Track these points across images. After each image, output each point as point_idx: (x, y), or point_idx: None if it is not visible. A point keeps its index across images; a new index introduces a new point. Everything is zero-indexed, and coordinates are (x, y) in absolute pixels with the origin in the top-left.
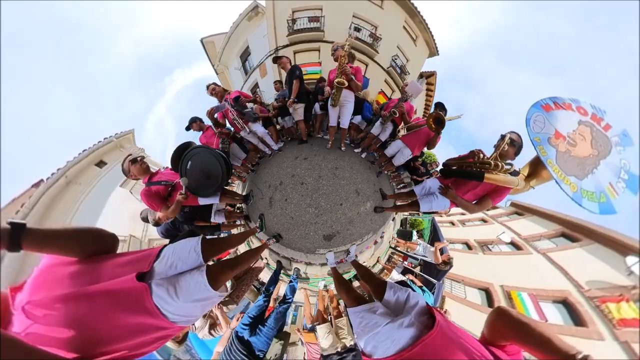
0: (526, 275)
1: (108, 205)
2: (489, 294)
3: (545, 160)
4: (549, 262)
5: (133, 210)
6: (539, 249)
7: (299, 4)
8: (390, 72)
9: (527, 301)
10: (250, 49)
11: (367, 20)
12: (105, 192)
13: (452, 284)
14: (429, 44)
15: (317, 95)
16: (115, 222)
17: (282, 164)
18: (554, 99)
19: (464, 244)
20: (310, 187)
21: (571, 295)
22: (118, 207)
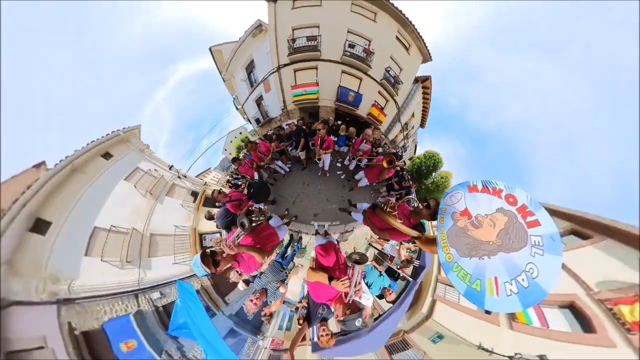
0: None
1: (112, 197)
2: None
3: (438, 227)
4: None
5: (136, 204)
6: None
7: (298, 22)
8: (384, 84)
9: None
10: (255, 63)
11: (362, 35)
12: (109, 184)
13: (445, 288)
14: (421, 50)
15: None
16: (118, 215)
17: (294, 183)
18: (485, 182)
19: None
20: (310, 195)
21: (579, 299)
22: (122, 199)
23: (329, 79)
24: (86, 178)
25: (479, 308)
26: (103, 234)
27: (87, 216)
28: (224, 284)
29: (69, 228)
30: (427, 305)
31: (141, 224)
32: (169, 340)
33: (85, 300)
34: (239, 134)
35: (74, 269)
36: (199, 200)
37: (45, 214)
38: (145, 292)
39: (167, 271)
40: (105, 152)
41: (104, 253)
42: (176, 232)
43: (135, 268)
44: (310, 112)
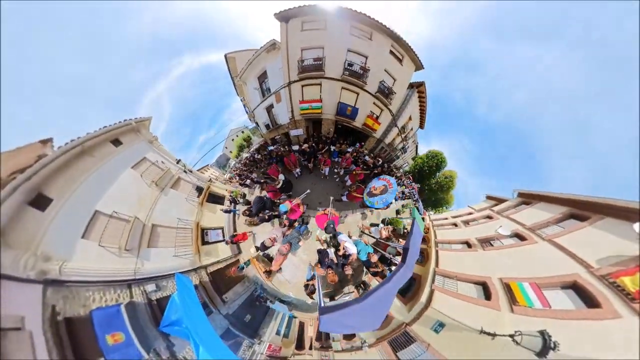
0: (531, 265)
1: (117, 183)
2: (486, 287)
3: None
4: (556, 248)
5: (141, 193)
6: (544, 236)
7: (306, 44)
8: (378, 96)
9: (529, 290)
10: (268, 74)
11: (359, 53)
12: (116, 170)
13: (444, 280)
14: (414, 60)
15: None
16: (122, 202)
17: (304, 183)
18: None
19: (464, 243)
20: (316, 191)
21: (580, 278)
22: (127, 187)
23: (331, 95)
24: (94, 161)
25: (478, 296)
26: (104, 219)
27: (89, 199)
28: (222, 281)
29: (70, 208)
30: (426, 295)
31: (144, 213)
32: (160, 338)
33: (75, 284)
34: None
35: (69, 250)
36: (204, 196)
37: (48, 191)
38: (140, 283)
39: (166, 263)
40: (115, 138)
41: (102, 238)
42: (179, 225)
43: (133, 257)
44: (314, 122)
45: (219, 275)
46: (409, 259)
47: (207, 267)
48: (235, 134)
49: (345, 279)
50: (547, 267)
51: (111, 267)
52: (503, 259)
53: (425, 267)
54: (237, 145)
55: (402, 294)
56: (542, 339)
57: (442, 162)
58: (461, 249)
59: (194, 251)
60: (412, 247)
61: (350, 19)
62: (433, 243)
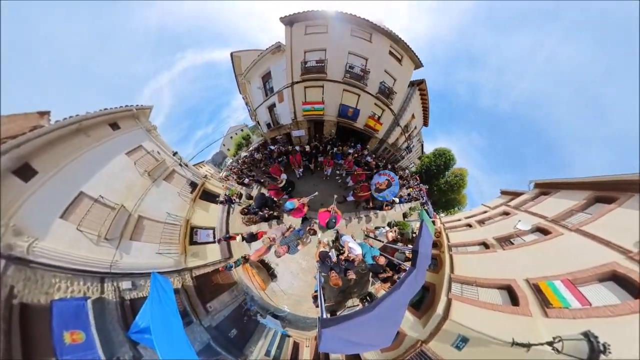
0: (560, 260)
1: (109, 167)
2: (512, 291)
3: (372, 189)
4: (585, 238)
5: (131, 181)
6: (570, 226)
7: (309, 46)
8: (379, 97)
9: (562, 289)
10: (272, 75)
11: (360, 55)
12: (110, 154)
13: (462, 287)
14: (413, 59)
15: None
16: (110, 187)
17: (306, 184)
18: (384, 171)
19: (480, 244)
20: (320, 191)
21: (619, 266)
22: (118, 172)
23: (333, 97)
24: (88, 141)
25: (503, 302)
26: (87, 202)
27: (76, 178)
28: (208, 288)
29: (54, 184)
30: (443, 306)
31: (131, 202)
32: (126, 345)
33: (42, 266)
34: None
35: (43, 229)
36: (197, 193)
37: (35, 162)
38: (115, 278)
39: (147, 260)
40: (114, 122)
41: (82, 222)
42: (167, 220)
43: (112, 248)
44: (316, 123)
45: (205, 281)
46: (420, 263)
47: (192, 270)
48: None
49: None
50: (578, 260)
51: (85, 255)
52: (527, 257)
53: (439, 274)
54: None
55: (414, 307)
56: (588, 342)
57: (451, 160)
58: (478, 251)
59: (180, 250)
60: (422, 249)
61: (350, 22)
62: (446, 247)
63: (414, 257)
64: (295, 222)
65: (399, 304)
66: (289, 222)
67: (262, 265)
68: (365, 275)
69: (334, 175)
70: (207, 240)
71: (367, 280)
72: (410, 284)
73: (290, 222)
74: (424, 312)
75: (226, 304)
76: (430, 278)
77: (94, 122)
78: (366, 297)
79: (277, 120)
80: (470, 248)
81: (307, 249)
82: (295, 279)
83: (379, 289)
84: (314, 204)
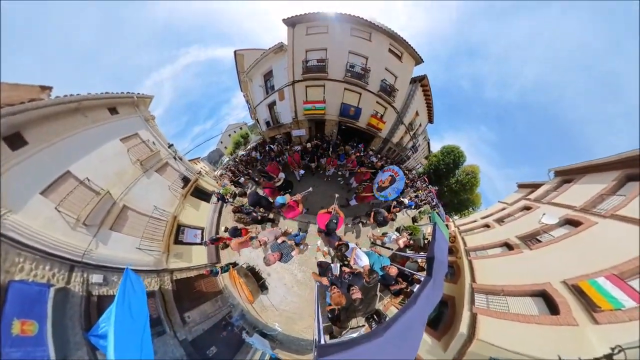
0: (598, 253)
1: (100, 150)
2: (548, 297)
3: (374, 188)
4: (623, 223)
5: (122, 168)
6: (604, 212)
7: (311, 46)
8: (381, 95)
9: (609, 287)
10: (273, 73)
11: (360, 54)
12: (104, 137)
13: (488, 298)
14: (412, 55)
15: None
16: (98, 171)
17: (305, 185)
18: (388, 167)
19: (502, 246)
20: (318, 193)
21: None
22: (109, 157)
23: (334, 96)
24: (85, 122)
25: (540, 311)
26: (72, 182)
27: (66, 157)
28: (189, 294)
29: (41, 159)
30: (466, 323)
31: (118, 189)
32: (83, 348)
33: (9, 241)
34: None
35: (19, 202)
36: (189, 188)
37: (27, 134)
38: (86, 268)
39: (125, 254)
40: (113, 106)
41: (62, 202)
42: (153, 214)
43: (89, 235)
44: (317, 123)
45: (186, 286)
46: (436, 271)
47: (173, 272)
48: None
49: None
50: (621, 250)
51: (59, 238)
52: (559, 255)
53: (458, 284)
54: (233, 142)
55: (431, 326)
56: None
57: (460, 158)
58: (501, 253)
59: (163, 249)
60: (437, 255)
61: (349, 22)
62: (463, 252)
63: (429, 264)
64: (292, 226)
65: (415, 324)
66: (285, 225)
67: (251, 274)
68: (372, 289)
69: (336, 176)
70: (193, 241)
71: (374, 295)
72: (427, 298)
73: (287, 226)
74: (444, 332)
75: (207, 316)
76: (448, 290)
77: (93, 103)
78: (373, 316)
79: (277, 119)
80: (491, 251)
81: (304, 258)
82: (289, 292)
83: (389, 305)
84: (313, 206)
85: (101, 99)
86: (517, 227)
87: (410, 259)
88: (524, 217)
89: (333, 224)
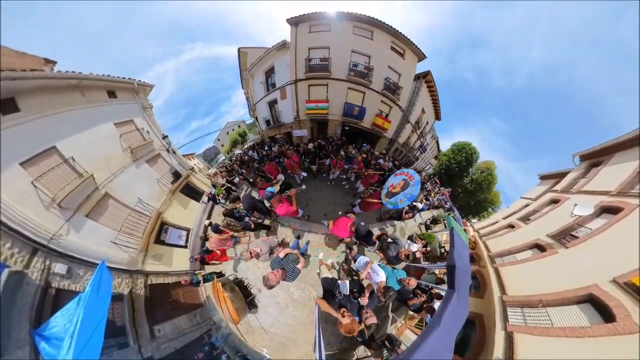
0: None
1: (93, 131)
2: (597, 302)
3: (382, 194)
4: None
5: (111, 153)
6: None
7: (313, 44)
8: (385, 93)
9: None
10: (275, 70)
11: (362, 53)
12: (98, 119)
13: (524, 312)
14: (415, 52)
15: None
16: (87, 152)
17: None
18: (402, 170)
19: (533, 247)
20: (321, 199)
21: None
22: (100, 140)
23: (337, 96)
24: (82, 100)
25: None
26: (56, 159)
27: (55, 132)
28: (163, 303)
29: (30, 129)
30: (501, 345)
31: (103, 175)
32: (27, 347)
33: None
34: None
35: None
36: (179, 184)
37: (22, 102)
38: (50, 254)
39: (97, 247)
40: (112, 90)
41: (41, 177)
42: (136, 207)
43: (61, 219)
44: (320, 123)
45: (161, 294)
46: (460, 282)
47: (148, 276)
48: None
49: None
50: None
51: (28, 215)
52: (601, 249)
53: (486, 298)
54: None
55: (457, 352)
56: None
57: (473, 154)
58: (532, 257)
59: (141, 247)
60: (458, 263)
61: (351, 20)
62: (487, 260)
63: (451, 275)
64: (290, 235)
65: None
66: (282, 234)
67: (238, 288)
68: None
69: (341, 179)
70: (176, 243)
71: (386, 316)
72: (452, 316)
73: (284, 235)
74: (474, 358)
75: (182, 332)
76: (474, 305)
77: (93, 84)
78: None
79: (278, 118)
80: (521, 255)
81: (303, 273)
82: (283, 313)
83: (403, 328)
84: (314, 213)
85: (102, 80)
86: (547, 224)
87: (426, 271)
88: (552, 212)
89: (363, 226)
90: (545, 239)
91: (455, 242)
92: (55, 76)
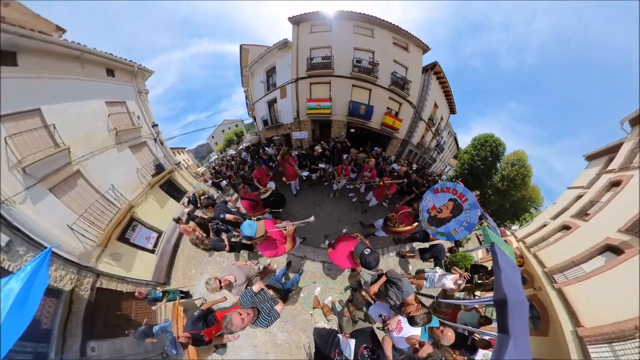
0: None
1: (82, 104)
2: None
3: (421, 219)
4: None
5: (95, 131)
6: None
7: (315, 44)
8: (393, 89)
9: None
10: (276, 69)
11: (365, 49)
12: (90, 94)
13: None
14: (418, 45)
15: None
16: (69, 123)
17: (304, 202)
18: (443, 184)
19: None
20: (322, 215)
21: None
22: (87, 114)
23: (341, 94)
24: (79, 72)
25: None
26: (36, 121)
27: (43, 96)
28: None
29: (20, 85)
30: None
31: (80, 151)
32: None
33: None
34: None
35: None
36: (160, 178)
37: (22, 58)
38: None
39: (50, 226)
40: (112, 69)
41: (14, 136)
42: (106, 193)
43: (21, 186)
44: (322, 124)
45: (109, 302)
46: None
47: (99, 277)
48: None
49: None
50: None
51: None
52: None
53: (551, 335)
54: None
55: None
56: None
57: (498, 147)
58: (607, 264)
59: (100, 240)
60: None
61: (350, 19)
62: (543, 278)
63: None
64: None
65: None
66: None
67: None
68: None
69: (347, 190)
70: (143, 245)
71: None
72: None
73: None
74: None
75: (122, 356)
76: (536, 349)
77: (95, 58)
78: None
79: (277, 118)
80: (588, 265)
81: (291, 313)
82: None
83: None
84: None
85: (104, 57)
86: (614, 217)
87: (462, 307)
88: (616, 199)
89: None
90: (617, 236)
91: (500, 263)
92: (61, 43)
